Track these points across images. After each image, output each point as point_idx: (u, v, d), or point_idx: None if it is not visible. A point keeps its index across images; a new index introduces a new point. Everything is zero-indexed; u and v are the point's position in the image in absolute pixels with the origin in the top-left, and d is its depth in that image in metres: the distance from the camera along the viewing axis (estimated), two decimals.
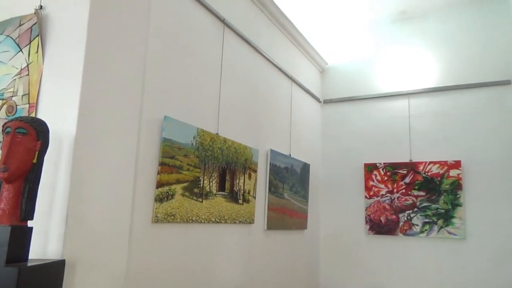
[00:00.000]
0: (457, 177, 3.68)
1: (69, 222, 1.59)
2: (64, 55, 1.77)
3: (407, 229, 3.81)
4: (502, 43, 3.72)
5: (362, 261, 3.99)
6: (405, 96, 4.06)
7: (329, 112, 4.46)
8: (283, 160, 3.50)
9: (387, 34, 4.28)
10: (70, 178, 1.61)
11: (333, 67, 4.52)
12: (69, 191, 1.60)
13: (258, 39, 3.26)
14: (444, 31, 4.00)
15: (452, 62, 3.92)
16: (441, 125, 3.86)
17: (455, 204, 3.65)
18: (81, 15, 1.74)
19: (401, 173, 3.92)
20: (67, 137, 1.65)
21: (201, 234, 2.45)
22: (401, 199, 3.88)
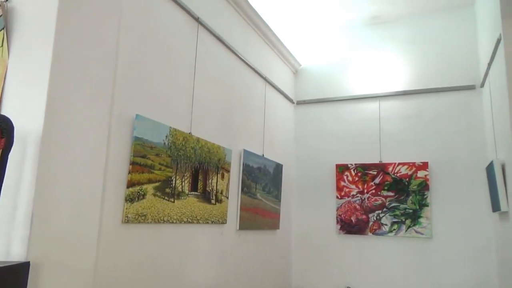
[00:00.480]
0: (424, 178, 3.79)
1: (34, 222, 1.53)
2: (31, 50, 1.71)
3: (377, 229, 3.90)
4: (467, 50, 3.87)
5: (333, 260, 4.06)
6: (376, 99, 4.15)
7: (302, 113, 4.50)
8: (256, 160, 3.50)
9: (360, 38, 4.36)
10: (35, 177, 1.55)
11: (307, 69, 4.57)
12: (35, 190, 1.55)
13: (232, 38, 3.26)
14: (414, 37, 4.12)
15: (421, 66, 4.04)
16: (410, 127, 3.97)
17: (422, 204, 3.76)
18: (49, 9, 1.69)
19: (372, 174, 4.01)
20: (33, 135, 1.59)
21: (173, 235, 2.42)
22: (371, 200, 3.97)
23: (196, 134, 2.69)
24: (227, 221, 3.00)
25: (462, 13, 3.95)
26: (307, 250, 4.20)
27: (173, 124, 2.47)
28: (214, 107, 2.98)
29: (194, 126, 2.69)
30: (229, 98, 3.20)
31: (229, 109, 3.20)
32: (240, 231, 3.21)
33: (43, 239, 1.57)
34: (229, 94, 3.21)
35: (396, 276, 3.79)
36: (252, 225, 3.38)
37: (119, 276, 2.01)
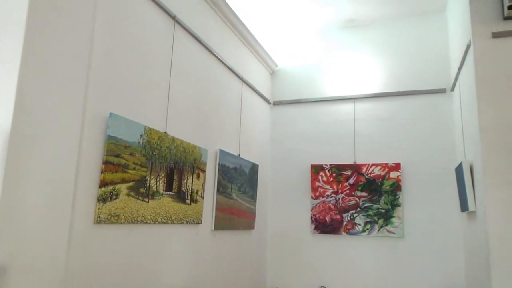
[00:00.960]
0: (397, 178, 3.88)
1: (1, 224, 1.48)
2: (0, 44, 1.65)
3: (350, 228, 3.96)
4: (439, 55, 3.99)
5: (308, 260, 4.10)
6: (351, 100, 4.22)
7: (278, 114, 4.52)
8: (232, 160, 3.50)
9: (336, 40, 4.42)
10: (3, 177, 1.50)
11: (283, 70, 4.60)
12: (2, 190, 1.49)
13: (209, 38, 3.24)
14: (388, 41, 4.21)
15: (394, 70, 4.14)
16: (384, 129, 4.06)
17: (395, 204, 3.85)
18: (20, 2, 1.64)
19: (346, 174, 4.07)
20: (1, 133, 1.54)
21: (147, 235, 2.39)
22: (345, 200, 4.03)
23: (171, 134, 2.66)
24: (202, 221, 2.98)
25: (434, 19, 4.07)
26: (282, 250, 4.22)
27: (148, 123, 2.43)
28: (190, 106, 2.96)
29: (170, 125, 2.66)
30: (205, 97, 3.18)
31: (205, 109, 3.18)
32: (215, 231, 3.20)
33: (10, 241, 1.52)
34: (206, 93, 3.19)
35: (369, 274, 3.86)
36: (227, 225, 3.37)
37: (90, 278, 1.96)
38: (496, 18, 2.80)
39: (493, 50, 2.77)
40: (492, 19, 2.81)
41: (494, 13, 2.81)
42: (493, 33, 2.77)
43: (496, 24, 2.79)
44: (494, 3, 2.82)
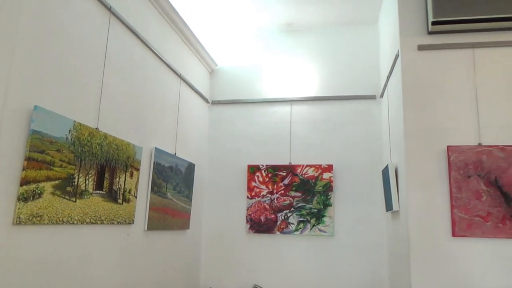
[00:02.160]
0: (329, 179, 4.04)
1: None
2: None
3: (284, 228, 4.05)
4: (370, 63, 4.22)
5: (242, 259, 4.12)
6: (288, 103, 4.32)
7: (216, 113, 4.50)
8: (167, 159, 3.42)
9: (275, 43, 4.50)
10: None
11: (223, 69, 4.58)
12: None
13: (147, 32, 3.14)
14: (324, 47, 4.37)
15: (329, 75, 4.30)
16: (318, 132, 4.20)
17: (326, 204, 4.00)
18: None
19: (281, 175, 4.15)
20: None
21: (73, 237, 2.25)
22: (280, 200, 4.11)
23: (103, 130, 2.53)
24: (134, 222, 2.88)
25: (367, 29, 4.30)
26: (217, 249, 4.21)
27: (77, 118, 2.30)
28: (125, 102, 2.84)
29: (102, 121, 2.53)
30: (141, 93, 3.08)
31: (141, 105, 3.07)
32: (148, 231, 3.10)
33: None
34: (142, 89, 3.09)
35: (301, 272, 3.97)
36: (161, 225, 3.29)
37: (9, 283, 1.80)
38: (421, 32, 3.03)
39: (419, 61, 2.98)
40: (418, 33, 3.03)
41: (420, 28, 3.03)
42: (419, 45, 2.99)
43: (422, 38, 3.01)
44: (420, 19, 3.05)
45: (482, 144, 2.77)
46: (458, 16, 2.85)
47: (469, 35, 2.94)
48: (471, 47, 2.92)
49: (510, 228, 2.64)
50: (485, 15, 2.82)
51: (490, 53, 2.89)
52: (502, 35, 2.89)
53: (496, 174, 2.71)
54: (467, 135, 2.82)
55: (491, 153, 2.74)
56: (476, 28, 2.90)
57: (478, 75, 2.88)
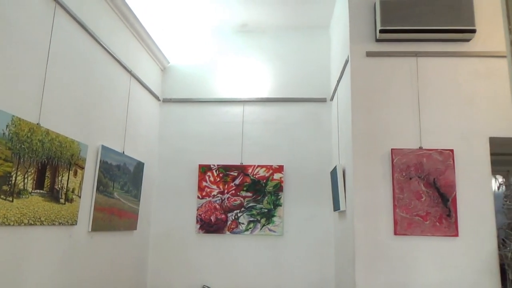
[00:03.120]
0: (279, 180, 4.09)
1: None
2: None
3: (234, 228, 4.05)
4: (322, 67, 4.33)
5: (191, 260, 4.07)
6: (241, 103, 4.33)
7: (167, 111, 4.41)
8: (115, 158, 3.30)
9: (229, 43, 4.49)
10: None
11: (175, 67, 4.50)
12: None
13: (96, 26, 3.01)
14: (278, 49, 4.43)
15: (282, 77, 4.36)
16: (270, 133, 4.25)
17: (276, 204, 4.05)
18: None
19: (232, 175, 4.15)
20: None
21: (9, 239, 2.11)
22: (231, 200, 4.11)
23: (45, 126, 2.40)
24: (77, 222, 2.75)
25: (320, 33, 4.41)
26: (165, 250, 4.12)
27: (17, 113, 2.15)
28: (70, 97, 2.70)
29: (44, 116, 2.39)
30: (88, 89, 2.95)
31: (88, 101, 2.94)
32: (92, 232, 2.98)
33: None
34: (89, 84, 2.96)
35: (250, 272, 3.99)
36: (106, 226, 3.17)
37: None
38: (370, 40, 3.15)
39: (367, 67, 3.10)
40: (367, 40, 3.15)
41: (369, 35, 3.16)
42: (367, 52, 3.11)
43: (370, 45, 3.14)
44: (369, 27, 3.17)
45: (423, 148, 2.94)
46: (404, 25, 3.00)
47: (413, 44, 3.10)
48: (415, 56, 3.08)
49: (446, 227, 2.81)
50: (428, 26, 2.99)
51: (431, 62, 3.07)
52: (443, 45, 3.08)
53: (434, 176, 2.88)
54: (409, 139, 2.97)
55: (430, 156, 2.91)
56: (420, 38, 3.07)
57: (420, 82, 3.05)
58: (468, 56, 3.06)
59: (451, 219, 2.82)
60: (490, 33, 3.06)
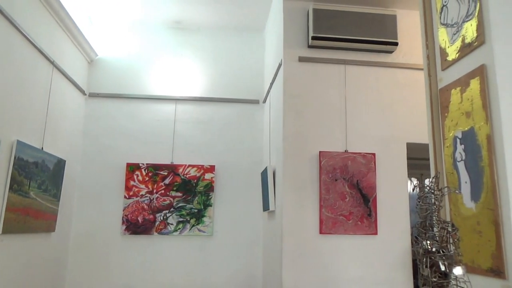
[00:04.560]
0: (210, 180, 4.07)
1: None
2: None
3: (162, 228, 3.95)
4: (256, 68, 4.39)
5: (116, 262, 3.88)
6: (173, 101, 4.23)
7: (94, 107, 4.18)
8: (32, 154, 3.05)
9: (162, 39, 4.37)
10: None
11: (104, 60, 4.28)
12: None
13: (14, 10, 2.76)
14: (212, 49, 4.40)
15: (216, 77, 4.35)
16: (202, 132, 4.21)
17: (207, 204, 4.02)
18: None
19: (162, 174, 4.04)
20: None
21: None
22: (160, 200, 4.00)
23: None
24: None
25: (255, 35, 4.46)
26: (87, 253, 3.89)
27: None
28: None
29: None
30: (3, 78, 2.69)
31: (2, 92, 2.69)
32: (3, 235, 2.72)
33: None
34: (4, 73, 2.70)
35: (178, 273, 3.91)
36: (20, 228, 2.91)
37: None
38: (303, 45, 3.26)
39: (299, 71, 3.21)
40: (300, 45, 3.26)
41: (302, 41, 3.27)
42: (300, 57, 3.22)
43: (303, 50, 3.25)
44: (302, 33, 3.28)
45: (348, 151, 3.10)
46: (334, 34, 3.16)
47: (342, 52, 3.27)
48: (343, 63, 3.24)
49: (367, 226, 3.00)
50: (356, 36, 3.17)
51: (358, 70, 3.26)
52: (369, 55, 3.29)
53: (358, 178, 3.05)
54: (336, 142, 3.12)
55: (355, 159, 3.08)
56: (348, 47, 3.24)
57: (348, 89, 3.22)
58: (391, 67, 3.30)
59: (371, 218, 3.01)
60: (411, 47, 3.33)
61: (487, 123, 1.58)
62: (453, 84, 1.83)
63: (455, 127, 1.80)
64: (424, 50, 2.10)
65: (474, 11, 1.70)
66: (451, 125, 1.83)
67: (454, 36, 1.84)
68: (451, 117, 1.83)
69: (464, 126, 1.74)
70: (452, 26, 1.86)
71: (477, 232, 1.62)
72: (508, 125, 1.52)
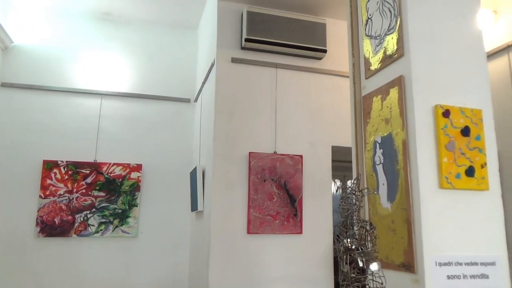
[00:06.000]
0: (137, 179, 3.92)
1: None
2: None
3: (82, 230, 3.72)
4: (188, 67, 4.32)
5: (29, 267, 3.57)
6: (98, 96, 4.02)
7: (7, 98, 3.81)
8: None
9: (89, 30, 4.13)
10: None
11: (20, 48, 3.93)
12: None
13: None
14: (143, 44, 4.25)
15: (146, 73, 4.20)
16: (129, 129, 4.04)
17: (132, 204, 3.87)
18: None
19: (84, 172, 3.82)
20: None
21: None
22: (80, 199, 3.77)
23: None
24: None
25: (188, 34, 4.40)
26: None
27: None
28: None
29: None
30: None
31: None
32: None
33: None
34: None
35: (99, 276, 3.71)
36: None
37: None
38: (236, 46, 3.28)
39: (231, 72, 3.22)
40: (233, 46, 3.27)
41: (235, 42, 3.29)
42: (232, 58, 3.23)
43: (236, 51, 3.27)
44: (235, 34, 3.30)
45: (277, 153, 3.18)
46: (267, 38, 3.22)
47: (274, 56, 3.34)
48: (275, 67, 3.32)
49: (293, 225, 3.09)
50: (288, 41, 3.27)
51: (289, 74, 3.36)
52: (299, 61, 3.40)
53: (285, 178, 3.14)
54: (266, 143, 3.19)
55: (283, 160, 3.16)
56: (280, 51, 3.33)
57: (279, 92, 3.30)
58: (319, 73, 3.44)
59: (297, 218, 3.11)
60: (338, 55, 3.51)
61: (403, 130, 1.72)
62: (375, 92, 1.96)
63: (375, 132, 1.93)
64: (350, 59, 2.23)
65: (395, 26, 1.84)
66: (372, 131, 1.95)
67: (377, 47, 1.97)
68: (372, 123, 1.96)
69: (383, 132, 1.86)
70: (376, 38, 1.99)
71: (392, 230, 1.75)
72: (421, 132, 1.66)
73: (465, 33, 1.81)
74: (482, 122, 1.73)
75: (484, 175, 1.68)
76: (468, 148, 1.69)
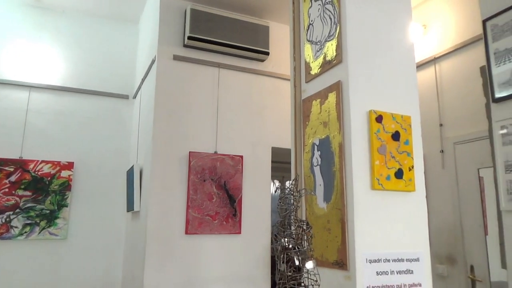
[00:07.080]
0: (68, 178, 3.70)
1: None
2: None
3: (4, 232, 3.44)
4: (127, 62, 4.16)
5: None
6: (26, 88, 3.74)
7: None
8: None
9: (17, 17, 3.83)
10: None
11: None
12: None
13: None
14: (78, 35, 4.03)
15: (79, 65, 3.98)
16: (61, 125, 3.80)
17: (62, 204, 3.65)
18: None
19: (8, 170, 3.53)
20: None
21: None
22: (3, 199, 3.48)
23: None
24: None
25: (128, 27, 4.23)
26: None
27: None
28: None
29: None
30: None
31: None
32: None
33: None
34: None
35: (23, 283, 3.44)
36: None
37: None
38: (178, 44, 3.22)
39: (173, 70, 3.16)
40: (175, 44, 3.21)
41: (177, 39, 3.23)
42: (174, 55, 3.17)
43: (178, 49, 3.21)
44: (178, 31, 3.24)
45: (218, 152, 3.17)
46: (210, 37, 3.20)
47: (217, 55, 3.33)
48: (218, 67, 3.31)
49: (232, 225, 3.09)
50: (231, 42, 3.27)
51: (231, 75, 3.36)
52: (242, 62, 3.42)
53: (225, 179, 3.14)
54: (206, 143, 3.16)
55: (223, 160, 3.16)
56: (223, 51, 3.32)
57: (221, 92, 3.29)
58: (261, 75, 3.49)
59: (236, 218, 3.12)
60: (280, 58, 3.58)
61: (340, 133, 1.79)
62: (314, 96, 2.02)
63: (314, 135, 1.99)
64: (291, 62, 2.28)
65: (335, 33, 1.91)
66: (311, 133, 2.01)
67: (318, 52, 2.04)
68: (311, 126, 2.02)
69: (321, 135, 1.93)
70: (316, 44, 2.06)
71: (327, 229, 1.81)
72: (356, 135, 1.74)
73: (399, 44, 1.93)
74: (410, 128, 1.85)
75: (411, 177, 1.80)
76: (398, 151, 1.80)
